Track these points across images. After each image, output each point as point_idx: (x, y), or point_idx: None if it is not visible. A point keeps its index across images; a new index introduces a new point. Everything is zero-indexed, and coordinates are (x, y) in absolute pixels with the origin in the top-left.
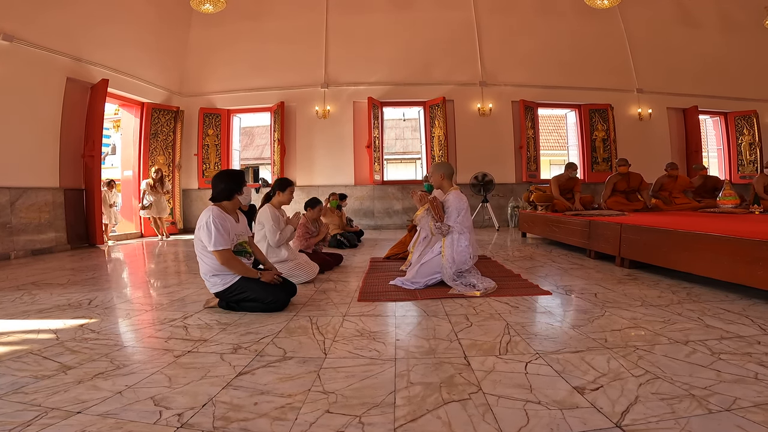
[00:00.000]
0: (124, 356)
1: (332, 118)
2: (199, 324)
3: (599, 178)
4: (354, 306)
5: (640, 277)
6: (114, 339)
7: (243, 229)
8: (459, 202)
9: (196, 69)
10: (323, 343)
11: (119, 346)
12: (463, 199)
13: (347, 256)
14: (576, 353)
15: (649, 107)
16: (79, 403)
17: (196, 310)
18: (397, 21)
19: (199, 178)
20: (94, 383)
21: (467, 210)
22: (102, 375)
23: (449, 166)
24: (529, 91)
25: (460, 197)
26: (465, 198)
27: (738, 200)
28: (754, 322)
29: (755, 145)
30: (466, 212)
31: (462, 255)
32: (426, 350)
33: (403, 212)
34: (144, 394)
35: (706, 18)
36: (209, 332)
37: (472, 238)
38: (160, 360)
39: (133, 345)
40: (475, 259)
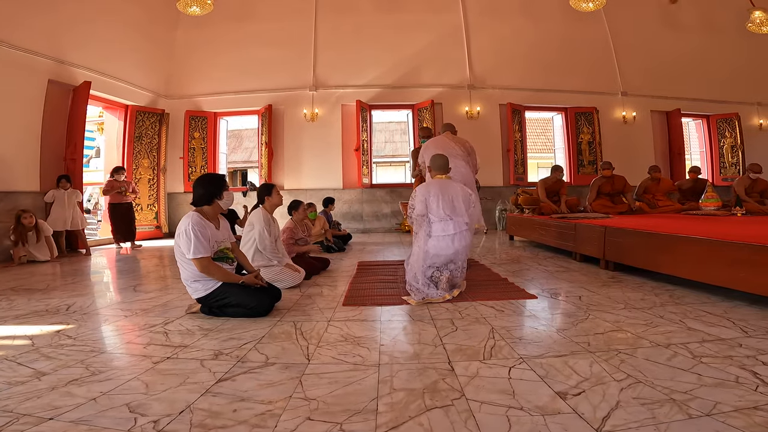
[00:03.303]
0: (100, 362)
1: (320, 121)
2: (180, 330)
3: (585, 181)
4: (339, 311)
5: (623, 280)
6: (91, 345)
7: (225, 236)
8: (417, 193)
9: (182, 71)
10: (307, 348)
11: (96, 352)
12: (423, 189)
13: (335, 260)
14: (559, 357)
15: (633, 110)
16: (52, 409)
17: (177, 316)
18: (386, 24)
19: (185, 181)
20: (68, 389)
21: (423, 202)
22: (77, 381)
23: (436, 157)
24: (517, 94)
25: (421, 187)
26: (432, 187)
27: (720, 202)
28: (736, 324)
29: (737, 147)
30: (421, 204)
31: (412, 261)
32: (410, 355)
33: (392, 216)
34: (119, 400)
35: (689, 20)
36: (190, 338)
37: (429, 246)
38: (137, 366)
39: (111, 351)
40: (428, 276)
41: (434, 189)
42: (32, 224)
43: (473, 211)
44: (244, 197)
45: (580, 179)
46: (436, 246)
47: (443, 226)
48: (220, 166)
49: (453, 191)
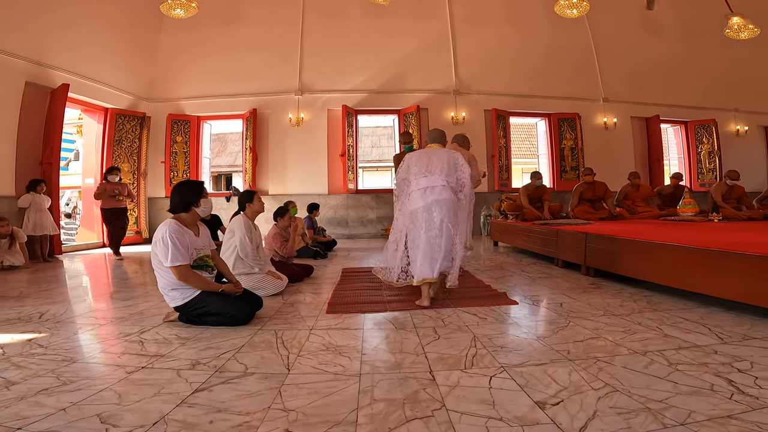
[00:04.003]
0: (72, 372)
1: (306, 126)
2: (156, 339)
3: (567, 187)
4: (322, 319)
5: (603, 286)
6: (63, 354)
7: (204, 243)
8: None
9: (165, 74)
10: (287, 358)
11: (68, 361)
12: (409, 155)
13: (319, 267)
14: (539, 366)
15: (614, 116)
16: (20, 419)
17: (154, 324)
18: (373, 29)
19: (166, 186)
20: (37, 399)
21: (406, 166)
22: (47, 391)
23: (432, 132)
24: (502, 99)
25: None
26: (416, 153)
27: (697, 209)
28: (712, 330)
29: (714, 153)
30: (404, 168)
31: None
32: (392, 365)
33: (378, 221)
34: (90, 411)
35: (669, 27)
36: (167, 347)
37: (404, 207)
38: (110, 376)
39: (83, 360)
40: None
41: (418, 153)
42: (8, 233)
43: (460, 176)
44: (227, 202)
45: (563, 185)
46: (409, 204)
47: (417, 182)
48: (203, 171)
49: (437, 154)
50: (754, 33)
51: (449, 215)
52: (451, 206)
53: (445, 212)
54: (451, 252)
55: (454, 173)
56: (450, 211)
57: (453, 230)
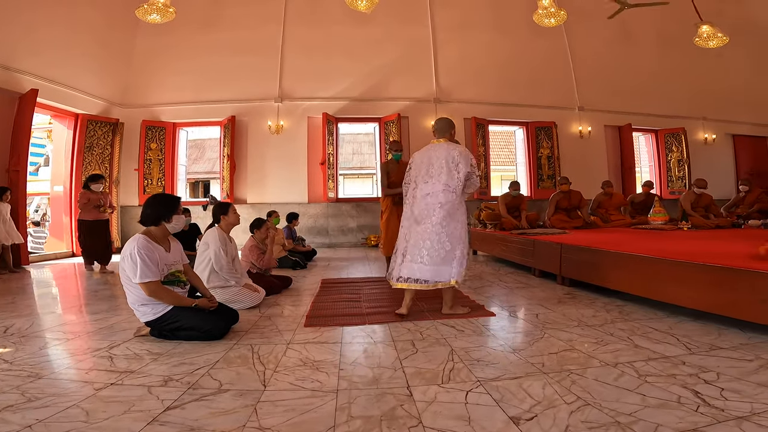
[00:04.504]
0: (37, 388)
1: (286, 134)
2: (126, 354)
3: (544, 195)
4: (300, 332)
5: (578, 296)
6: (28, 370)
7: (176, 258)
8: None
9: (140, 80)
10: (263, 374)
11: (33, 377)
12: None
13: (298, 278)
14: (515, 380)
15: (589, 125)
16: None
17: (125, 339)
18: (355, 36)
19: (140, 194)
20: (2, 416)
21: (408, 169)
22: (11, 408)
23: (438, 121)
24: (481, 108)
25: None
26: (418, 153)
27: (667, 217)
28: (680, 341)
29: (683, 161)
30: (406, 185)
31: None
32: (369, 380)
33: (358, 230)
34: (57, 428)
35: (641, 36)
36: (138, 363)
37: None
38: (78, 393)
39: (50, 377)
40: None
41: (419, 155)
42: None
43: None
44: (204, 211)
45: (540, 193)
46: (410, 208)
47: (420, 188)
48: (178, 178)
49: (437, 155)
50: (723, 41)
51: (446, 220)
52: (449, 210)
53: (442, 216)
54: (444, 260)
55: (455, 174)
56: (447, 217)
57: (446, 236)
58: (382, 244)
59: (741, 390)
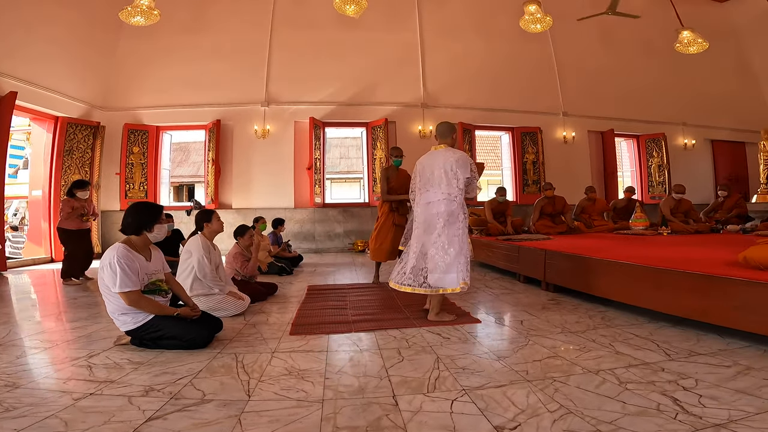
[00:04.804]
0: (14, 398)
1: (272, 138)
2: (106, 363)
3: (530, 200)
4: (285, 340)
5: (562, 302)
6: (5, 379)
7: (157, 267)
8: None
9: (122, 82)
10: (248, 383)
11: (10, 387)
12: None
13: (284, 284)
14: (499, 388)
15: (573, 130)
16: None
17: (104, 348)
18: (343, 40)
19: (121, 199)
20: None
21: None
22: None
23: (438, 126)
24: (468, 113)
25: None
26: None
27: (648, 222)
28: (660, 347)
29: (664, 167)
30: (411, 193)
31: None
32: (355, 389)
33: (345, 235)
34: None
35: (624, 41)
36: (118, 372)
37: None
38: (56, 403)
39: (27, 386)
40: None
41: (421, 163)
42: None
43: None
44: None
45: (525, 198)
46: (415, 215)
47: (422, 196)
48: (161, 182)
49: (438, 162)
50: (703, 47)
51: (447, 228)
52: (450, 219)
53: (442, 225)
54: (448, 267)
55: (454, 183)
56: (448, 225)
57: (448, 244)
58: (371, 249)
59: (719, 397)
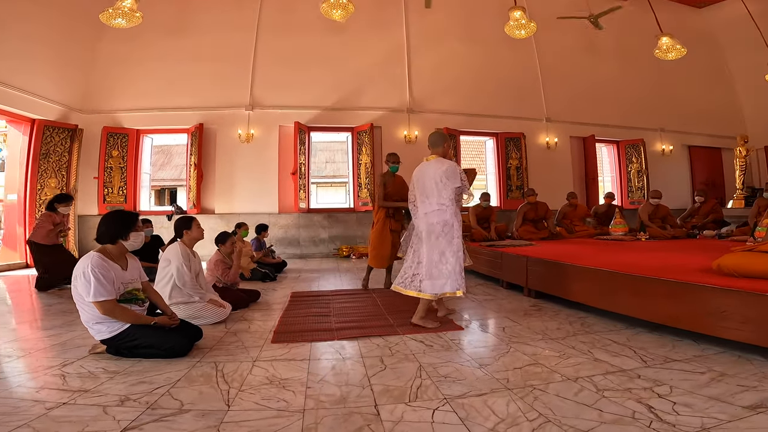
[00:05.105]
0: None
1: (256, 143)
2: (80, 372)
3: (513, 205)
4: (267, 349)
5: (543, 308)
6: None
7: (134, 276)
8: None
9: (102, 85)
10: (227, 393)
11: None
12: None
13: (267, 291)
14: (480, 396)
15: (555, 136)
16: None
17: (79, 356)
18: (329, 45)
19: (99, 203)
20: None
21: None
22: None
23: (430, 136)
24: (453, 118)
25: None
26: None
27: (627, 228)
28: (636, 353)
29: (642, 172)
30: (411, 204)
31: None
32: (337, 399)
33: (330, 241)
34: None
35: (606, 47)
36: (93, 382)
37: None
38: (28, 412)
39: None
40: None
41: (416, 174)
42: None
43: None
44: (169, 221)
45: (509, 204)
46: (415, 225)
47: (419, 206)
48: (141, 186)
49: (429, 174)
50: (681, 53)
51: (441, 237)
52: (444, 228)
53: (437, 234)
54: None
55: (444, 194)
56: (443, 234)
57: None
58: (371, 256)
59: (693, 404)
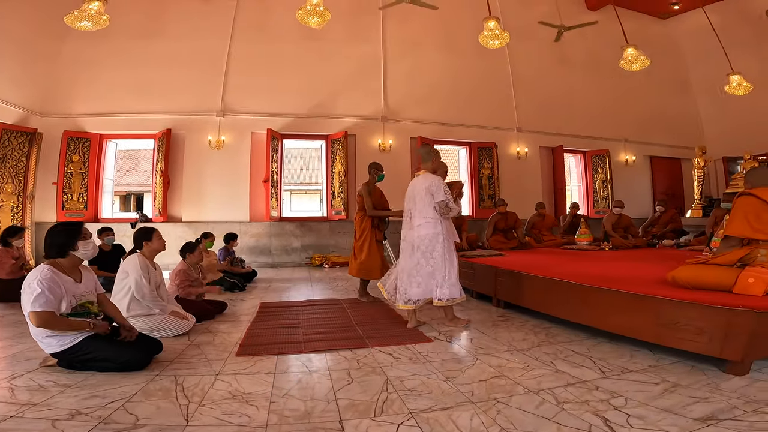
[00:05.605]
0: None
1: (227, 150)
2: (30, 385)
3: (485, 215)
4: (231, 362)
5: (511, 318)
6: None
7: (88, 288)
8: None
9: (65, 87)
10: (186, 407)
11: None
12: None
13: (235, 302)
14: (445, 410)
15: (526, 146)
16: None
17: (29, 369)
18: (305, 51)
19: (58, 210)
20: None
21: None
22: None
23: (419, 150)
24: (427, 127)
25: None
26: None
27: (591, 237)
28: (596, 364)
29: (607, 182)
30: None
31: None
32: (301, 414)
33: (302, 249)
34: None
35: (575, 58)
36: (42, 395)
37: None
38: None
39: None
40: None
41: (409, 188)
42: None
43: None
44: (132, 228)
45: (481, 213)
46: (406, 237)
47: (413, 219)
48: (104, 192)
49: (417, 189)
50: (645, 64)
51: (430, 250)
52: (432, 241)
53: (426, 246)
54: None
55: (430, 210)
56: (431, 246)
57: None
58: (361, 267)
59: (645, 416)
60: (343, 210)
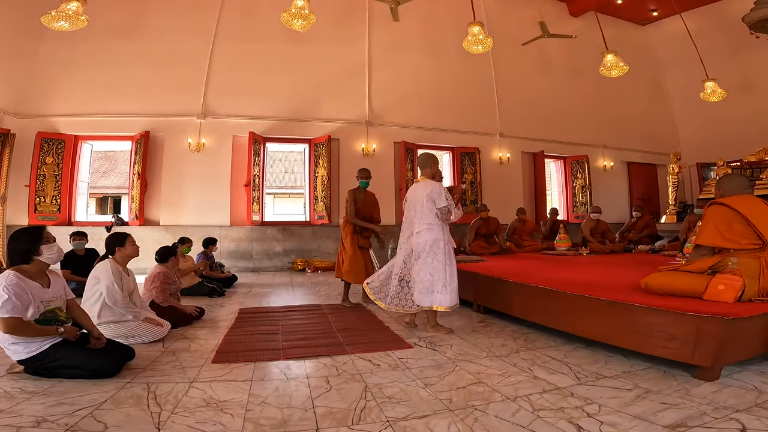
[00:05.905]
0: None
1: (207, 152)
2: None
3: (467, 220)
4: (207, 369)
5: (490, 323)
6: None
7: (56, 293)
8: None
9: (39, 88)
10: (158, 415)
11: None
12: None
13: (213, 307)
14: (423, 418)
15: (508, 151)
16: None
17: None
18: (288, 55)
19: (30, 213)
20: None
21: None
22: None
23: (419, 158)
24: (411, 132)
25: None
26: (406, 197)
27: (570, 243)
28: (572, 370)
29: (586, 187)
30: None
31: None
32: (277, 422)
33: (284, 254)
34: None
35: (556, 64)
36: (7, 402)
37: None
38: None
39: None
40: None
41: (408, 195)
42: None
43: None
44: (108, 232)
45: (463, 218)
46: (407, 243)
47: (414, 225)
48: (79, 195)
49: (417, 196)
50: (624, 71)
51: (430, 256)
52: (432, 247)
53: (426, 252)
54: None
55: (429, 216)
56: (431, 252)
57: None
58: (345, 270)
59: (618, 423)
60: (325, 214)
